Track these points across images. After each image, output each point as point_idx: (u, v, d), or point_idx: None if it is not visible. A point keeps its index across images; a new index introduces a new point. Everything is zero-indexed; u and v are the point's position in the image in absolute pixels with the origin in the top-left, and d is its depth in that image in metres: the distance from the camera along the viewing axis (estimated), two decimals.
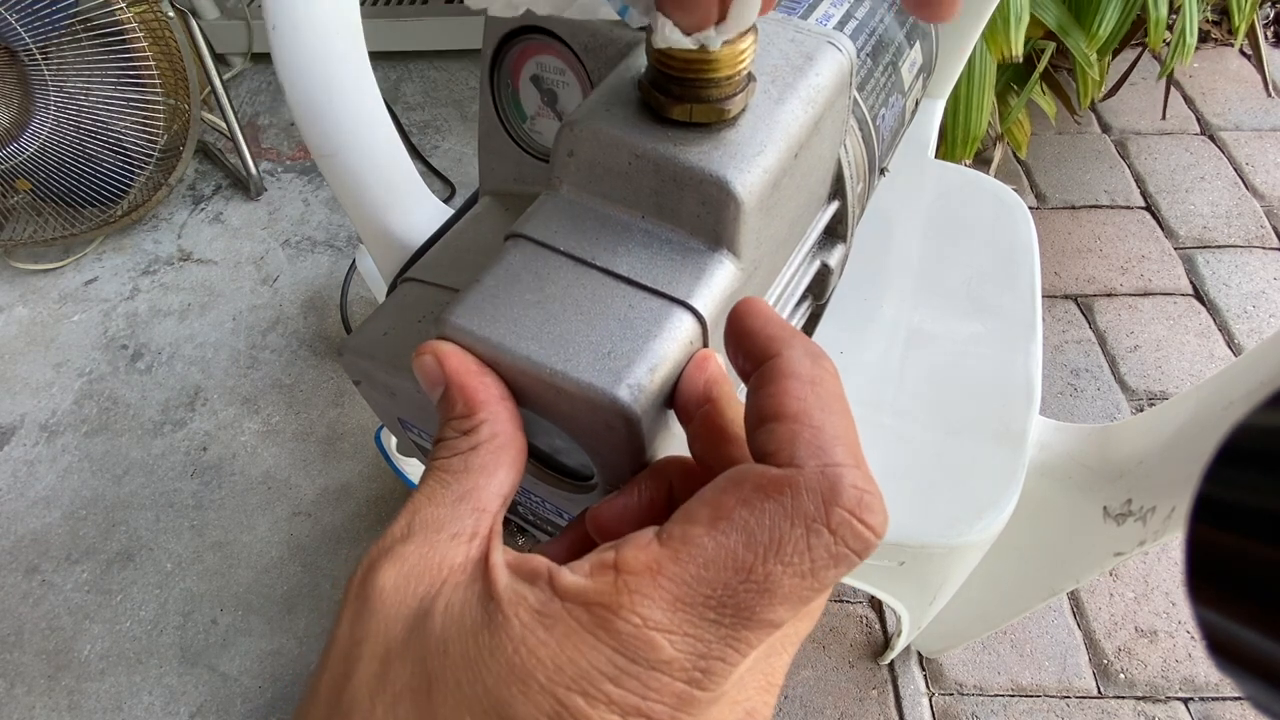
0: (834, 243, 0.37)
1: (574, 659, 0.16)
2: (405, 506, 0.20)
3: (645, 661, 0.16)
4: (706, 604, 0.16)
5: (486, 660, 0.16)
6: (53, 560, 0.98)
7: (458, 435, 0.21)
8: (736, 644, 0.16)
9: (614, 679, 0.16)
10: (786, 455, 0.17)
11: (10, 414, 1.12)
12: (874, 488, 0.17)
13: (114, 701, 0.88)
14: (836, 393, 0.19)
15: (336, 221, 1.33)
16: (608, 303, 0.23)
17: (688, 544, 0.17)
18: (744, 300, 0.22)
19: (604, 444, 0.23)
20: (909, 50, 0.43)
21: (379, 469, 1.04)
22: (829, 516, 0.17)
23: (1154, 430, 0.52)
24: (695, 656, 0.16)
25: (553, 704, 0.16)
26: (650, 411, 0.22)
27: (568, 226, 0.25)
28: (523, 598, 0.17)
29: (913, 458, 0.49)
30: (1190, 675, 0.87)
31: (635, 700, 0.16)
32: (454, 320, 0.23)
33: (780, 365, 0.19)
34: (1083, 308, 1.20)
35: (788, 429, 0.18)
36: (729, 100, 0.24)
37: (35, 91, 1.11)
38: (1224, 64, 1.56)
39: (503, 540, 0.20)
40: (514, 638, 0.16)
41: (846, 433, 0.18)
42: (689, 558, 0.17)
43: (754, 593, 0.16)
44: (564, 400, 0.22)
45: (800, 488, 0.17)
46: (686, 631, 0.16)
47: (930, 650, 0.88)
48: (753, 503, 0.17)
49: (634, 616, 0.16)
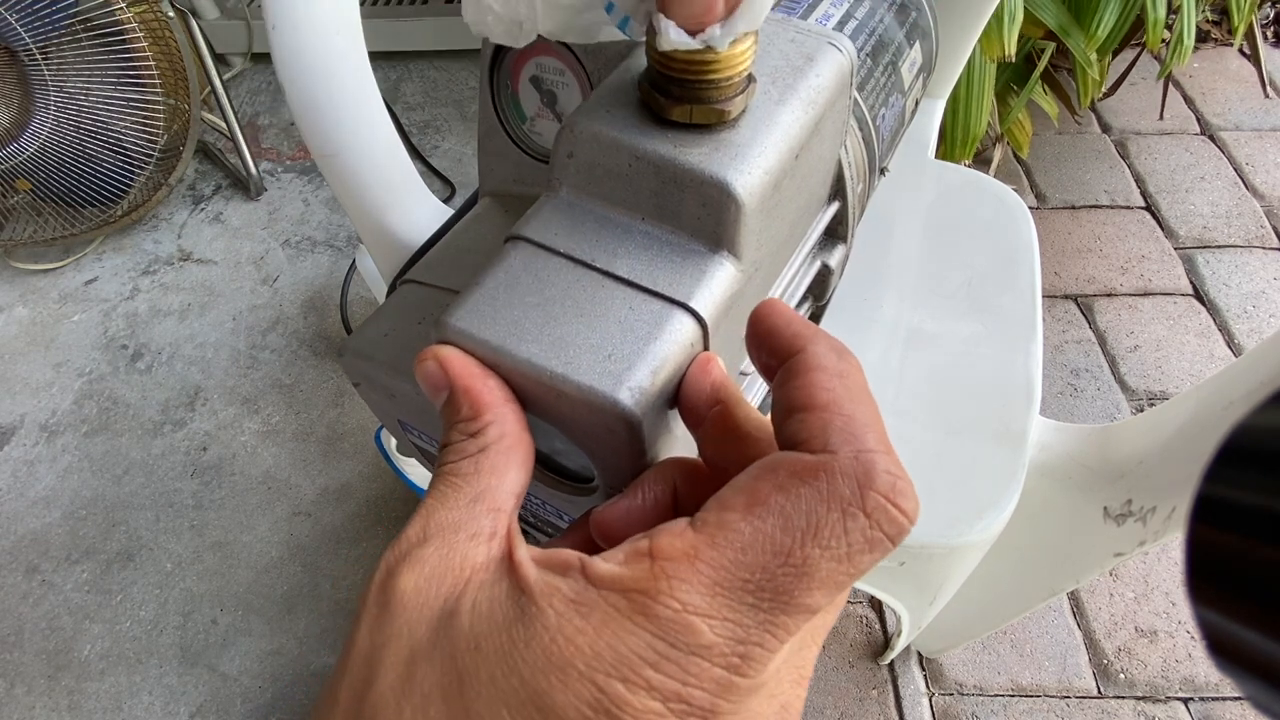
0: (834, 243, 0.37)
1: (613, 645, 0.16)
2: (418, 512, 0.19)
3: (685, 646, 0.16)
4: (745, 588, 0.16)
5: (522, 652, 0.16)
6: (53, 560, 0.98)
7: (465, 438, 0.21)
8: (775, 629, 0.16)
9: (654, 664, 0.16)
10: (820, 442, 0.18)
11: (10, 414, 1.12)
12: (905, 474, 0.17)
13: (114, 701, 0.88)
14: (863, 385, 0.19)
15: (336, 221, 1.33)
16: (608, 305, 0.23)
17: (724, 529, 0.17)
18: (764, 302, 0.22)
19: (605, 446, 0.23)
20: (909, 50, 0.43)
21: (379, 469, 1.04)
22: (864, 500, 0.17)
23: (1154, 430, 0.52)
24: (734, 641, 0.16)
25: (593, 691, 0.16)
26: (651, 414, 0.22)
27: (567, 228, 0.25)
28: (556, 589, 0.17)
29: (913, 458, 0.49)
30: (1190, 675, 0.87)
31: (675, 685, 0.16)
32: (453, 323, 0.22)
33: (807, 359, 0.19)
34: (1083, 308, 1.20)
35: (819, 417, 0.18)
36: (729, 101, 0.24)
37: (35, 91, 1.11)
38: (1224, 64, 1.56)
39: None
40: (550, 627, 0.16)
41: (876, 422, 0.18)
42: (726, 543, 0.17)
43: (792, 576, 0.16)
44: (564, 403, 0.22)
45: (835, 472, 0.17)
46: (726, 616, 0.16)
47: (930, 650, 0.88)
48: (788, 488, 0.17)
49: (673, 601, 0.16)
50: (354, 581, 0.96)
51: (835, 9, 0.38)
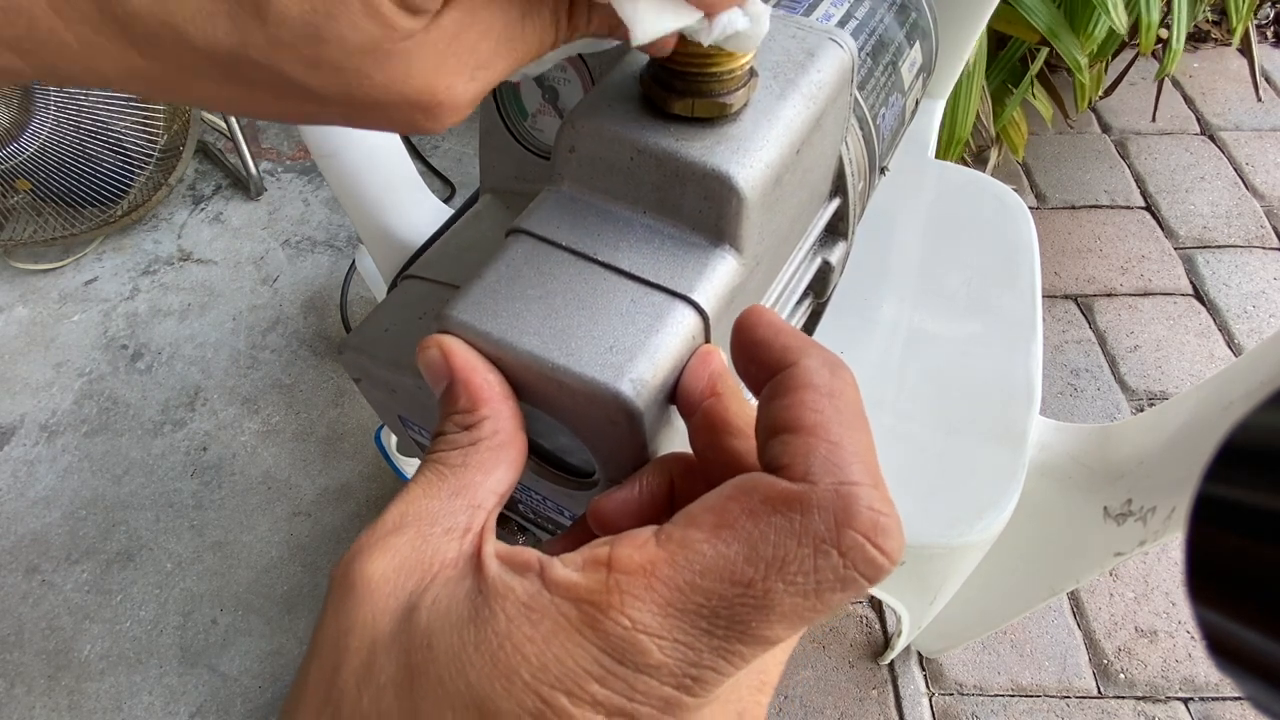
0: (835, 240, 0.37)
1: (560, 657, 0.16)
2: (399, 496, 0.19)
3: (633, 664, 0.16)
4: (699, 612, 0.16)
5: (471, 655, 0.16)
6: (53, 560, 0.98)
7: (459, 430, 0.20)
8: (729, 655, 0.16)
9: (600, 679, 0.16)
10: (801, 470, 0.17)
11: (10, 414, 1.12)
12: (891, 510, 0.17)
13: (114, 701, 0.88)
14: (856, 406, 0.18)
15: (336, 221, 1.33)
16: (610, 297, 0.23)
17: (686, 549, 0.16)
18: (750, 309, 0.21)
19: (606, 439, 0.23)
20: (909, 50, 0.43)
21: (379, 469, 1.04)
22: (840, 538, 0.16)
23: (1154, 430, 0.52)
24: (685, 664, 0.16)
25: (536, 701, 0.15)
26: (652, 406, 0.22)
27: (569, 222, 0.25)
28: (511, 590, 0.17)
29: (913, 458, 0.49)
30: (1190, 675, 0.87)
31: (620, 701, 0.16)
32: (456, 315, 0.23)
33: (797, 375, 0.19)
34: (1083, 308, 1.20)
35: (803, 442, 0.17)
36: (731, 95, 0.24)
37: (35, 91, 1.11)
38: (1224, 64, 1.56)
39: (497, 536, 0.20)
40: (499, 632, 0.16)
41: (865, 450, 0.17)
42: (685, 563, 0.16)
43: (751, 608, 0.16)
44: (566, 395, 0.22)
45: (812, 505, 0.16)
46: (677, 638, 0.16)
47: (930, 650, 0.88)
48: (759, 515, 0.16)
49: (623, 618, 0.16)
50: None
51: (836, 8, 0.38)
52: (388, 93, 0.17)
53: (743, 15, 0.21)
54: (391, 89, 0.17)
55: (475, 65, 0.18)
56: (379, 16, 0.16)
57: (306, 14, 0.15)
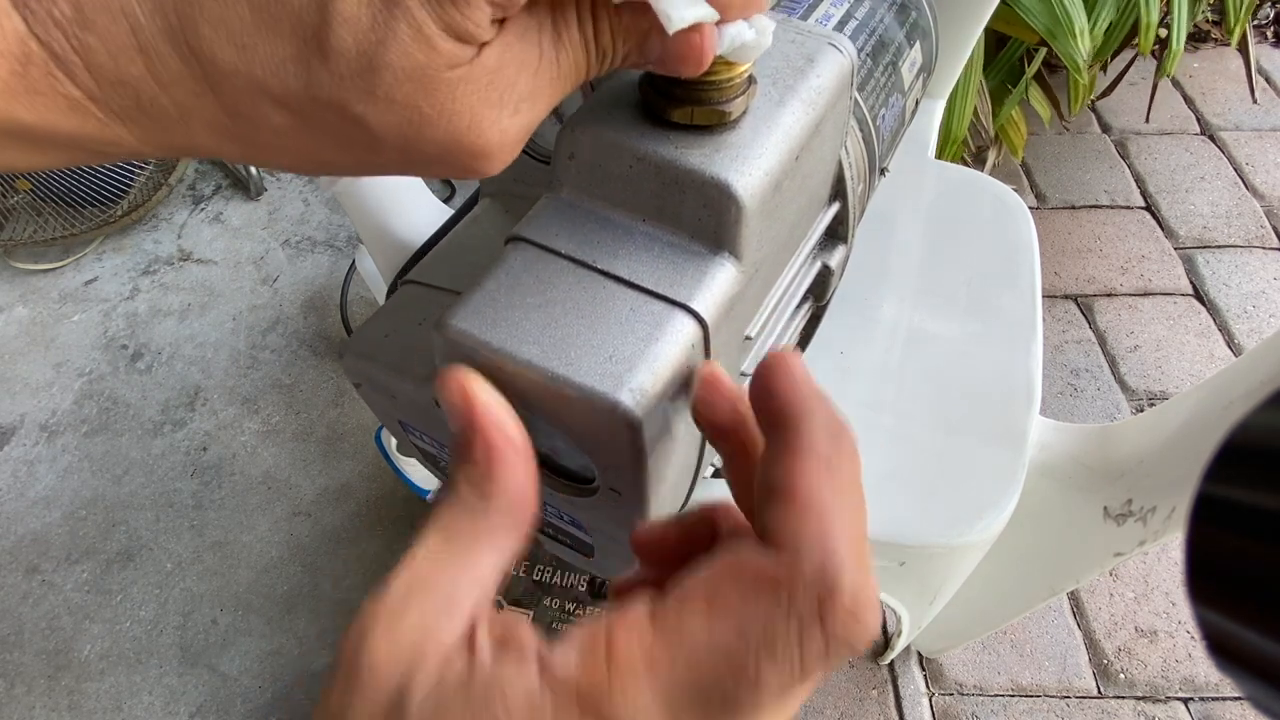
0: (835, 244, 0.37)
1: None
2: (405, 560, 0.19)
3: None
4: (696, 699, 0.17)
5: None
6: (53, 560, 0.98)
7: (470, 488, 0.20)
8: None
9: None
10: (790, 540, 0.18)
11: (10, 414, 1.12)
12: (870, 586, 0.18)
13: (114, 701, 0.88)
14: (852, 477, 0.19)
15: (336, 221, 1.33)
16: (609, 306, 0.23)
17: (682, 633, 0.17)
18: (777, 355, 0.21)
19: (606, 447, 0.23)
20: (909, 50, 0.43)
21: (379, 469, 1.04)
22: (824, 616, 0.17)
23: (1154, 430, 0.52)
24: None
25: None
26: (652, 415, 0.22)
27: (569, 229, 0.25)
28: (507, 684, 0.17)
29: (913, 458, 0.49)
30: (1190, 675, 0.87)
31: None
32: (455, 324, 0.23)
33: (799, 441, 0.19)
34: (1083, 308, 1.20)
35: (794, 514, 0.18)
36: (730, 103, 0.24)
37: None
38: (1224, 64, 1.56)
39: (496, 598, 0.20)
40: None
41: (853, 524, 0.18)
42: (681, 646, 0.17)
43: (745, 687, 0.17)
44: (565, 404, 0.22)
45: (797, 585, 0.17)
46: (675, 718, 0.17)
47: (930, 650, 0.88)
48: (749, 596, 0.17)
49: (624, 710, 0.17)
50: (354, 582, 0.96)
51: (835, 9, 0.38)
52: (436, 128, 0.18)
53: (749, 28, 0.21)
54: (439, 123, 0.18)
55: (518, 99, 0.19)
56: (427, 42, 0.17)
57: (361, 44, 0.16)
